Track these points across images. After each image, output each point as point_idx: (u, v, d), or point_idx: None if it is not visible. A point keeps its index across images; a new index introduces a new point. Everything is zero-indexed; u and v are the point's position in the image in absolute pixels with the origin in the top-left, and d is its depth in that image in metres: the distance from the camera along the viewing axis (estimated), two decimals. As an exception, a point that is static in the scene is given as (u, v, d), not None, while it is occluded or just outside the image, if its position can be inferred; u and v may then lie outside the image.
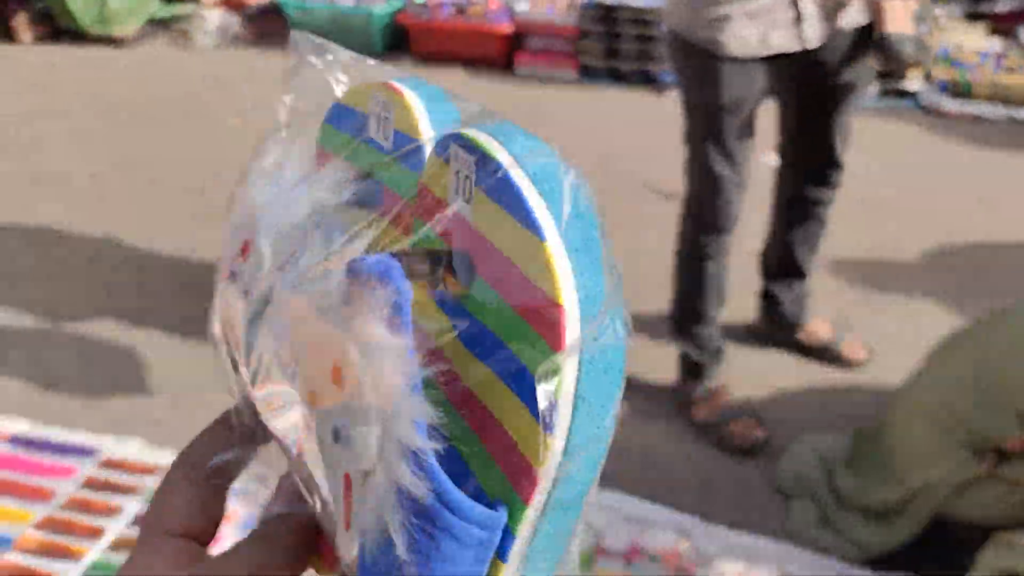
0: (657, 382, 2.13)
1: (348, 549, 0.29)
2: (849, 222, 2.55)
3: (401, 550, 0.27)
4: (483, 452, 0.29)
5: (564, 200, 0.28)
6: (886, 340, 2.26)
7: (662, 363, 2.14)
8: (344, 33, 4.35)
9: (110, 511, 1.54)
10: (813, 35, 1.75)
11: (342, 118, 0.39)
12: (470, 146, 0.30)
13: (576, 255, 0.28)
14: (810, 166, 2.02)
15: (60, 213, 2.97)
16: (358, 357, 0.26)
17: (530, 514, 0.28)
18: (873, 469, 1.77)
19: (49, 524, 1.51)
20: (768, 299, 2.24)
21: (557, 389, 0.27)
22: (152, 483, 1.59)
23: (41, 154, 3.35)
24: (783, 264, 2.17)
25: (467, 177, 0.30)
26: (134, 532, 1.50)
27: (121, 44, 4.51)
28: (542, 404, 0.27)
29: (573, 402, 0.27)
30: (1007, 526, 1.52)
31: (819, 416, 2.03)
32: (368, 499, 0.27)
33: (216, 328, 0.38)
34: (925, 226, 2.85)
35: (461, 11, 4.21)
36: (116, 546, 1.48)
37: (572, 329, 0.27)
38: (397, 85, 0.36)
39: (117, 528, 1.51)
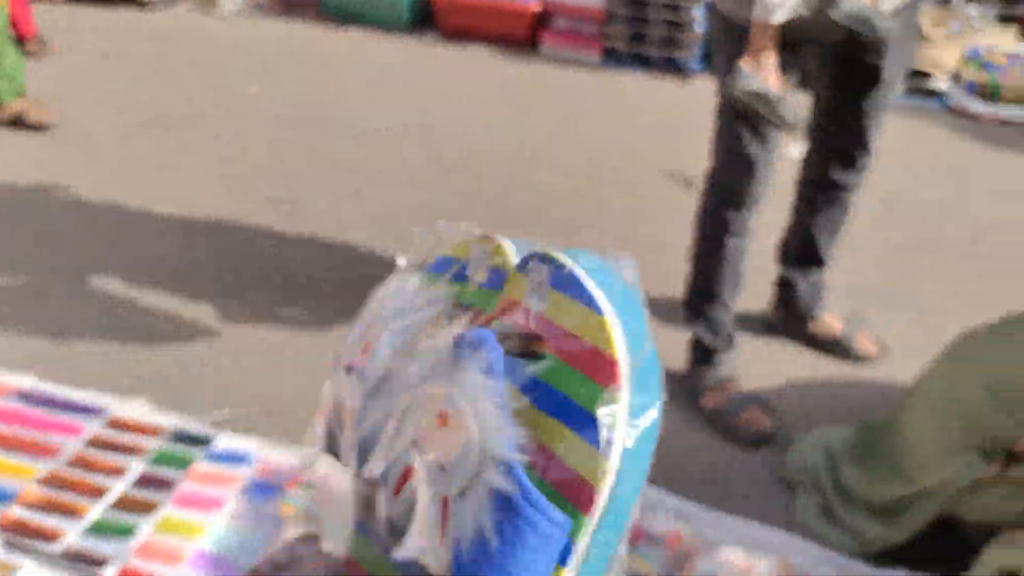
0: (667, 368, 2.12)
1: (441, 560, 0.38)
2: (869, 218, 2.52)
3: (493, 543, 0.36)
4: (547, 486, 0.37)
5: (615, 288, 0.40)
6: (899, 337, 2.24)
7: (673, 350, 2.13)
8: (372, 7, 4.34)
9: (114, 470, 1.54)
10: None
11: (440, 266, 0.49)
12: (546, 259, 0.41)
13: (625, 324, 0.39)
14: (840, 148, 2.00)
15: (82, 171, 2.98)
16: (464, 398, 0.37)
17: (588, 524, 0.37)
18: (880, 465, 1.76)
19: (53, 480, 1.52)
20: (784, 286, 2.22)
21: (613, 423, 0.37)
22: (157, 444, 1.59)
23: (65, 113, 3.35)
24: (803, 250, 2.15)
25: (540, 282, 0.41)
26: (137, 492, 1.51)
27: (145, 6, 4.51)
28: (602, 435, 0.36)
29: (625, 431, 0.37)
30: (1013, 527, 1.51)
31: (828, 409, 2.02)
32: (467, 510, 0.37)
33: (322, 418, 0.48)
34: (946, 225, 2.82)
35: None
36: (118, 505, 1.49)
37: (623, 376, 0.38)
38: (493, 235, 0.47)
39: (120, 488, 1.52)
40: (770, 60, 1.67)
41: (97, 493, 1.51)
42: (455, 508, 0.37)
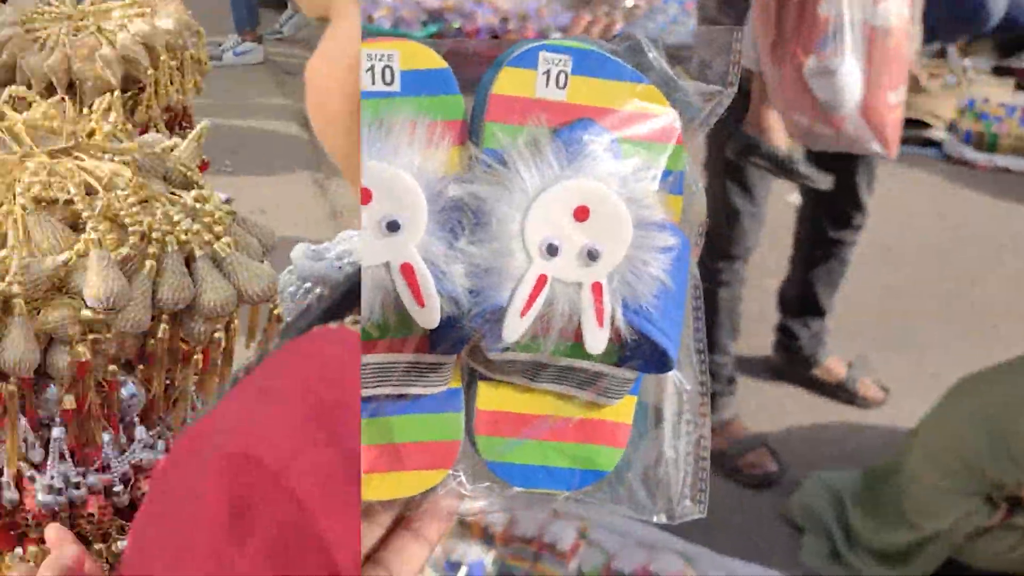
0: (671, 411, 2.13)
1: (599, 343, 0.40)
2: (870, 264, 2.55)
3: (671, 288, 0.42)
4: None
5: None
6: (902, 382, 2.25)
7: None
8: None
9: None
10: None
11: None
12: (561, 48, 0.41)
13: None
14: (833, 207, 2.02)
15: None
16: (604, 184, 0.39)
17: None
18: (885, 510, 1.76)
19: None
20: (785, 334, 2.23)
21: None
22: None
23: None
24: (802, 301, 2.17)
25: (561, 71, 0.41)
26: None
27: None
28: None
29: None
30: (1020, 574, 1.51)
31: (833, 453, 2.03)
32: (635, 278, 0.40)
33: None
34: (946, 272, 2.84)
35: (496, 38, 4.26)
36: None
37: (678, 124, 0.42)
38: (388, 37, 0.42)
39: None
40: (772, 115, 1.67)
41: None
42: (607, 291, 0.40)
